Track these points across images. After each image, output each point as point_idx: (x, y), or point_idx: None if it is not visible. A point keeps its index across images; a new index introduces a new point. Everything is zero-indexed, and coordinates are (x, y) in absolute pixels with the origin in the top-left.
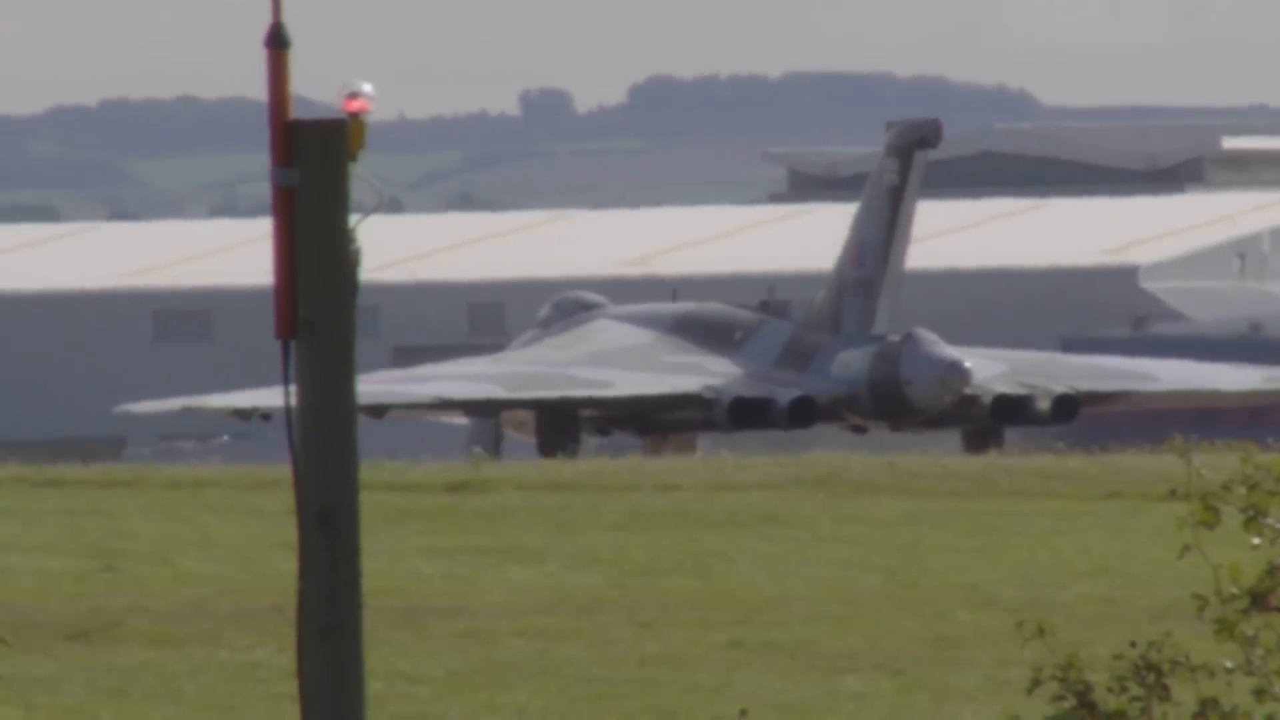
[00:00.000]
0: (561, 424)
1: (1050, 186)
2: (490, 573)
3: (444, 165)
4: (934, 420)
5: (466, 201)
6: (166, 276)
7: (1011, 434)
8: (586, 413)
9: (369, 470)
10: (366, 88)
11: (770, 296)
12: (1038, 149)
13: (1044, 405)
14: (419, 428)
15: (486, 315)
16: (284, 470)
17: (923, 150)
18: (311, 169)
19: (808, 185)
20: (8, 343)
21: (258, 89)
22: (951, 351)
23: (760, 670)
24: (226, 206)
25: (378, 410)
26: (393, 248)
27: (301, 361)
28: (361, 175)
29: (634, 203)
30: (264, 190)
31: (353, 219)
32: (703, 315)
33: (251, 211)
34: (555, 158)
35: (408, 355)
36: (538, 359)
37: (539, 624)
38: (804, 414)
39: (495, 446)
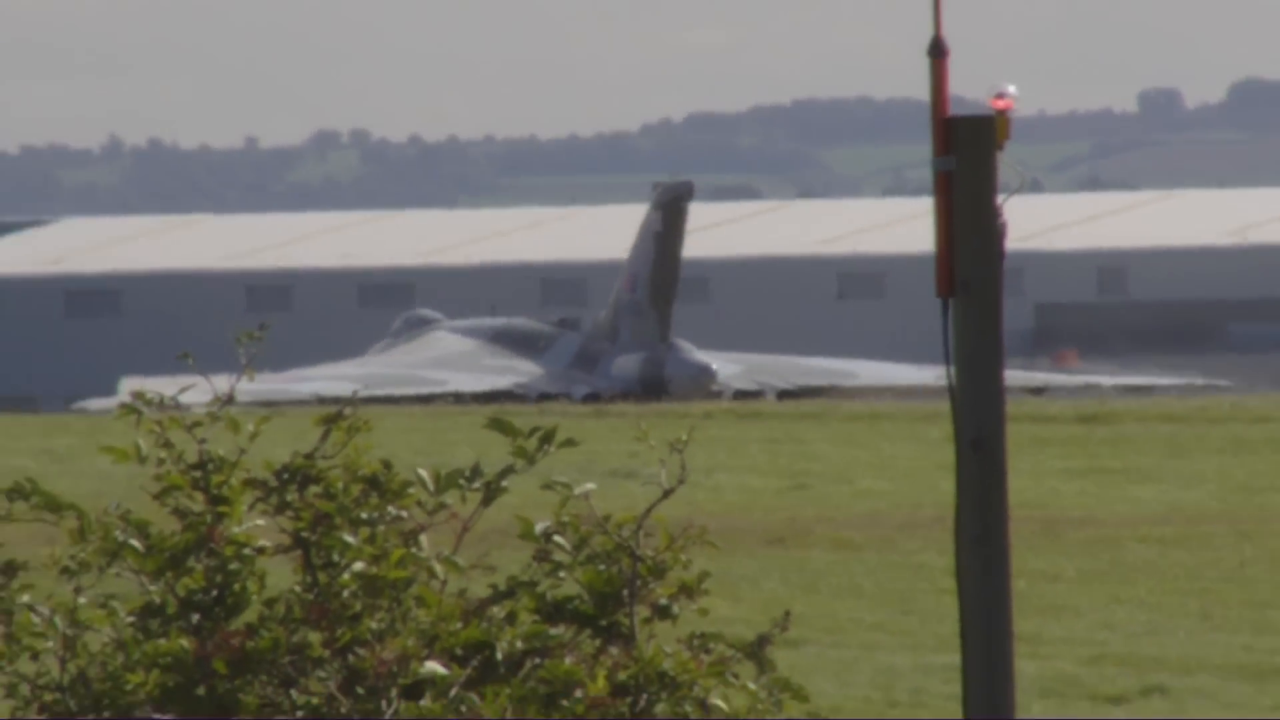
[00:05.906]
0: None
1: None
2: (1115, 490)
3: (1076, 153)
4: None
5: (1095, 183)
6: (848, 245)
7: None
8: (431, 406)
9: (1013, 405)
10: (1011, 89)
11: None
12: None
13: (771, 398)
14: None
15: (1112, 278)
16: (946, 405)
17: (680, 205)
18: (966, 157)
19: None
20: (724, 303)
21: (921, 90)
22: (702, 357)
23: None
24: (896, 188)
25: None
26: (1033, 221)
27: (957, 316)
28: (1007, 162)
29: (1235, 185)
30: (926, 175)
31: (1000, 197)
32: (515, 328)
33: (916, 192)
34: (1168, 147)
35: (1047, 311)
36: (391, 362)
37: (1156, 532)
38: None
39: None
